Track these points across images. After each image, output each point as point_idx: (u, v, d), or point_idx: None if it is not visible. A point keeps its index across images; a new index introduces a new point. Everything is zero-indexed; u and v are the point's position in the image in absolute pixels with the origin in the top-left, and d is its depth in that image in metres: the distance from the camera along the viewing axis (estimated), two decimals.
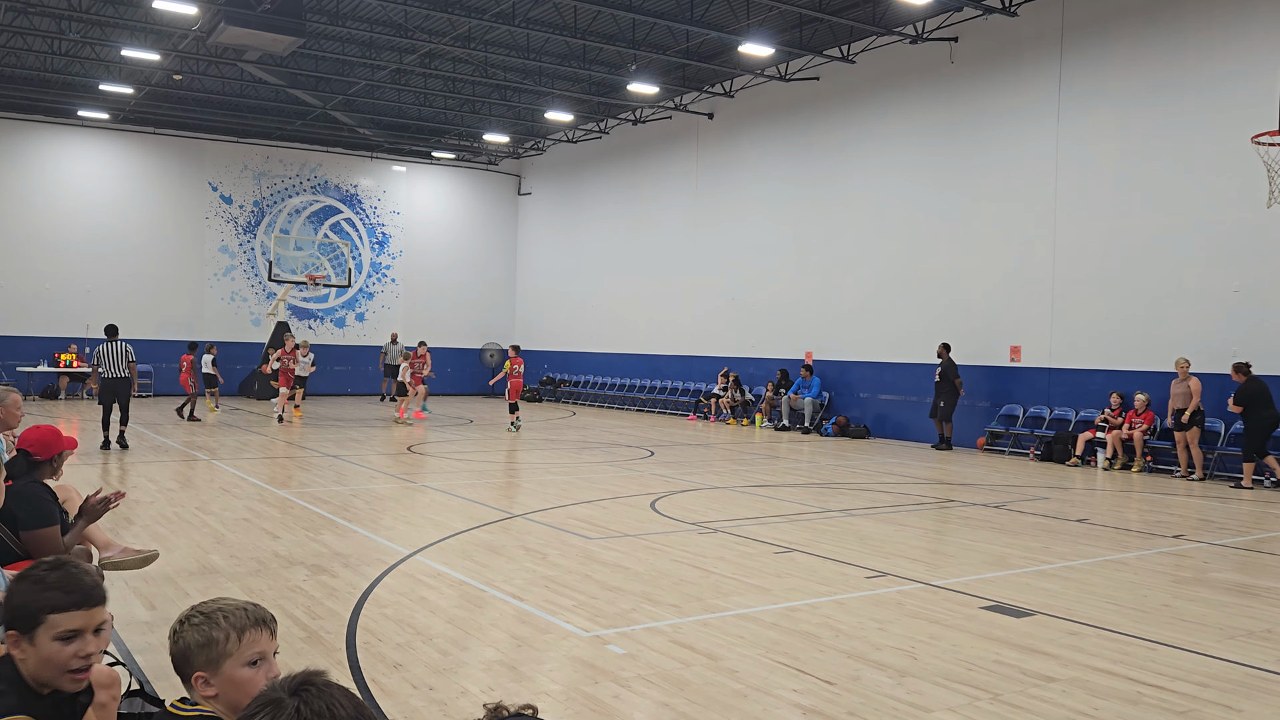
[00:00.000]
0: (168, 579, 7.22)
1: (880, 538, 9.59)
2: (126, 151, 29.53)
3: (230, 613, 2.46)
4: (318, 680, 1.87)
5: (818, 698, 5.03)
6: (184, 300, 29.98)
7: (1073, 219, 17.71)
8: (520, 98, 27.39)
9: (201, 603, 2.53)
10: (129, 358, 15.57)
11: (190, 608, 2.51)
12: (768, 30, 21.36)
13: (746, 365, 24.93)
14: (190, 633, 2.44)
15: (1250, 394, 14.16)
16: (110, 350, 15.42)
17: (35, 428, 5.29)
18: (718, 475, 14.30)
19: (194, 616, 2.47)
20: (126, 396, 15.59)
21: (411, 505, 11.00)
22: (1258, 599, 7.51)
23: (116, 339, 15.72)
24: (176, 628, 2.48)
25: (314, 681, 1.86)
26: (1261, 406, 14.10)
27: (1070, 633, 6.32)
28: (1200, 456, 14.92)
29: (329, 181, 32.59)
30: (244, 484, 12.18)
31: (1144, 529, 10.61)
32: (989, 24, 19.03)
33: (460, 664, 5.48)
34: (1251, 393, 14.16)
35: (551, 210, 33.78)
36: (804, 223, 23.35)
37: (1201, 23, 15.98)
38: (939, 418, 18.90)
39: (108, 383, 15.48)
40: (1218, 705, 5.05)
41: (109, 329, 16.04)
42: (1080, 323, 17.57)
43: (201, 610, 2.48)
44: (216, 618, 2.44)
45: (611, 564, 8.06)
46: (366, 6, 21.08)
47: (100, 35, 22.47)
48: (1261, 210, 14.68)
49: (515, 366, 20.25)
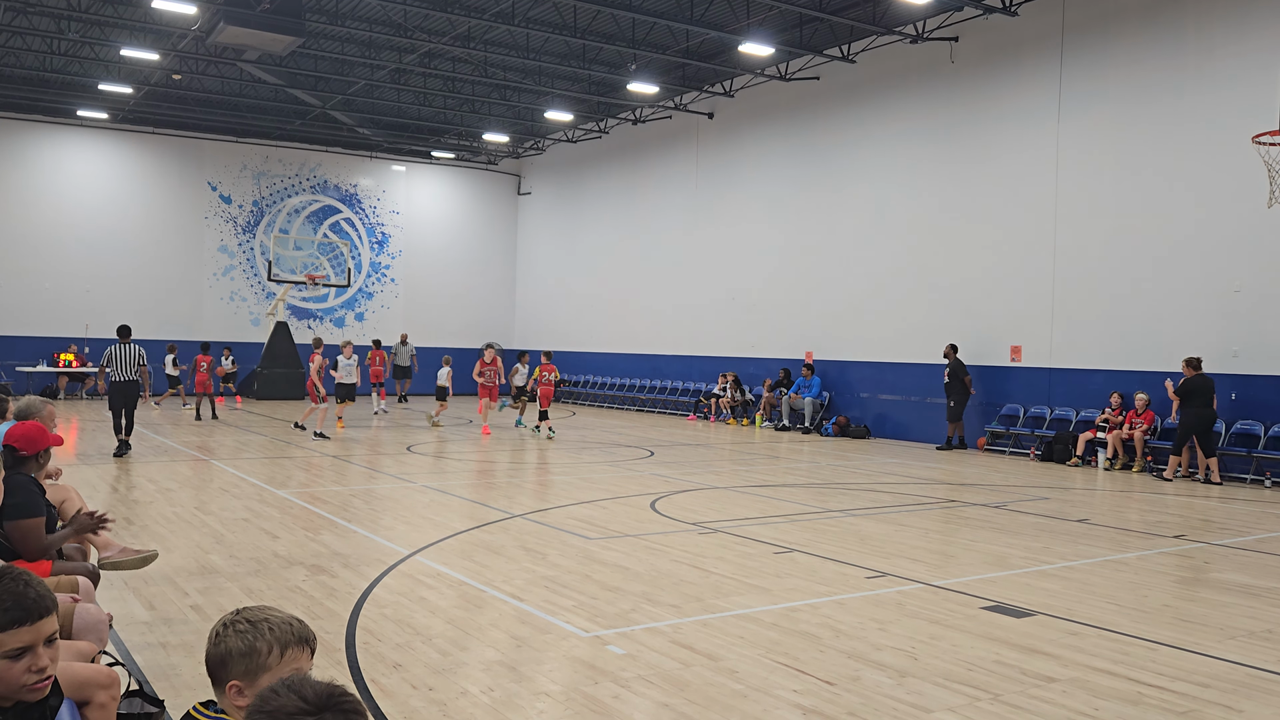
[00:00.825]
0: (167, 579, 7.21)
1: (881, 538, 9.58)
2: (126, 151, 29.53)
3: (276, 626, 2.42)
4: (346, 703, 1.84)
5: (818, 698, 5.02)
6: (183, 300, 29.97)
7: (1073, 218, 17.70)
8: (520, 97, 27.38)
9: (248, 609, 2.47)
10: (141, 361, 14.90)
11: (235, 612, 2.46)
12: (768, 30, 21.35)
13: (747, 365, 24.92)
14: (234, 639, 2.39)
15: (1191, 388, 14.54)
16: (122, 352, 14.76)
17: (20, 424, 5.29)
18: (718, 475, 14.29)
19: (239, 623, 2.42)
20: (134, 401, 14.93)
21: (411, 505, 10.98)
22: (1259, 599, 7.50)
23: (129, 340, 15.05)
24: (220, 630, 2.43)
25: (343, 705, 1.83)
26: (1198, 404, 14.46)
27: (1071, 633, 6.31)
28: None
29: (328, 181, 32.58)
30: (243, 484, 12.17)
31: (1144, 529, 10.60)
32: (989, 24, 19.03)
33: (460, 664, 5.47)
34: (1193, 387, 14.53)
35: (551, 210, 33.77)
36: (804, 222, 23.35)
37: (1201, 22, 15.98)
38: (951, 419, 18.87)
39: (117, 386, 14.80)
40: (1219, 706, 5.04)
41: (122, 329, 15.24)
42: (1080, 322, 17.56)
43: (248, 618, 2.42)
44: (262, 628, 2.40)
45: (611, 564, 8.05)
46: (366, 6, 21.07)
47: (99, 35, 22.46)
48: (1262, 210, 14.67)
49: (546, 374, 20.03)
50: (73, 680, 3.17)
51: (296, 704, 1.81)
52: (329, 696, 1.84)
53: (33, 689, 2.60)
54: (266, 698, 1.85)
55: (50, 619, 2.61)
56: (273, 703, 1.83)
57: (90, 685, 3.25)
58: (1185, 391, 14.56)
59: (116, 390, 14.82)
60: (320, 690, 1.85)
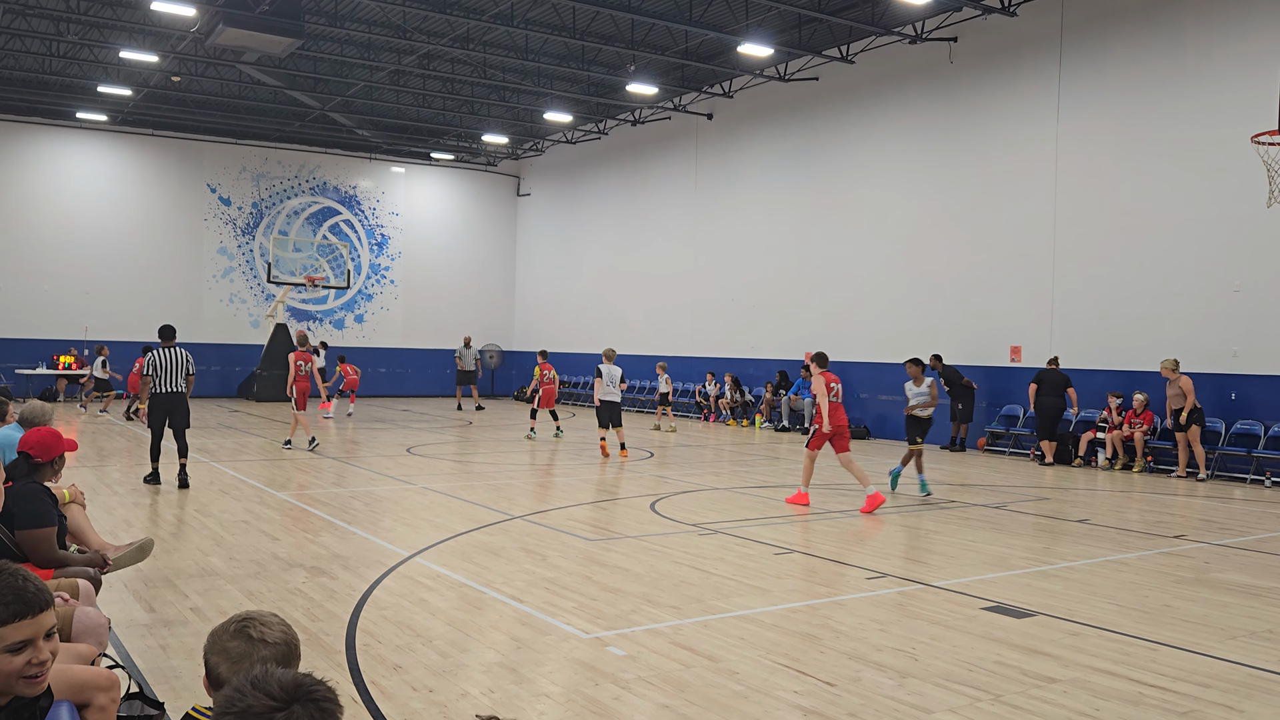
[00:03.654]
0: (167, 581, 7.20)
1: (881, 538, 9.58)
2: (125, 153, 29.52)
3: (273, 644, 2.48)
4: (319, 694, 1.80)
5: (818, 699, 5.01)
6: (183, 302, 29.95)
7: (1072, 219, 17.70)
8: (519, 98, 27.38)
9: (248, 618, 2.53)
10: (189, 369, 12.15)
11: (239, 620, 2.52)
12: (767, 30, 21.35)
13: (746, 366, 24.92)
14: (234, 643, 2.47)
15: (1041, 380, 16.71)
16: (166, 358, 11.96)
17: (35, 430, 5.28)
18: (717, 476, 14.28)
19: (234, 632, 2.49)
20: (186, 417, 12.13)
21: (411, 507, 10.98)
22: (1259, 599, 7.49)
23: (174, 344, 12.25)
24: (220, 635, 2.50)
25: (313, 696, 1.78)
26: (1048, 394, 16.55)
27: (1071, 633, 6.30)
28: (1203, 455, 14.90)
29: (328, 183, 32.57)
30: (243, 486, 12.16)
31: (1145, 529, 10.59)
32: (988, 24, 19.03)
33: (460, 666, 5.47)
34: (1043, 380, 16.68)
35: (550, 211, 33.76)
36: (803, 223, 23.34)
37: (1200, 22, 15.98)
38: (959, 420, 18.85)
39: (160, 399, 11.99)
40: (1219, 706, 5.04)
41: (165, 330, 12.41)
42: (1080, 323, 17.56)
43: (248, 631, 2.48)
44: (259, 647, 2.46)
45: (612, 565, 8.05)
46: (365, 8, 21.07)
47: (98, 37, 22.45)
48: (1261, 210, 14.67)
49: (545, 372, 19.85)
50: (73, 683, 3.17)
51: (265, 702, 1.72)
52: (297, 688, 1.75)
53: (32, 682, 2.61)
54: (232, 698, 1.75)
55: (49, 613, 2.65)
56: (239, 703, 1.73)
57: (90, 688, 3.25)
58: (1037, 381, 16.76)
59: (159, 404, 12.01)
60: (287, 682, 1.76)
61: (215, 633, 2.52)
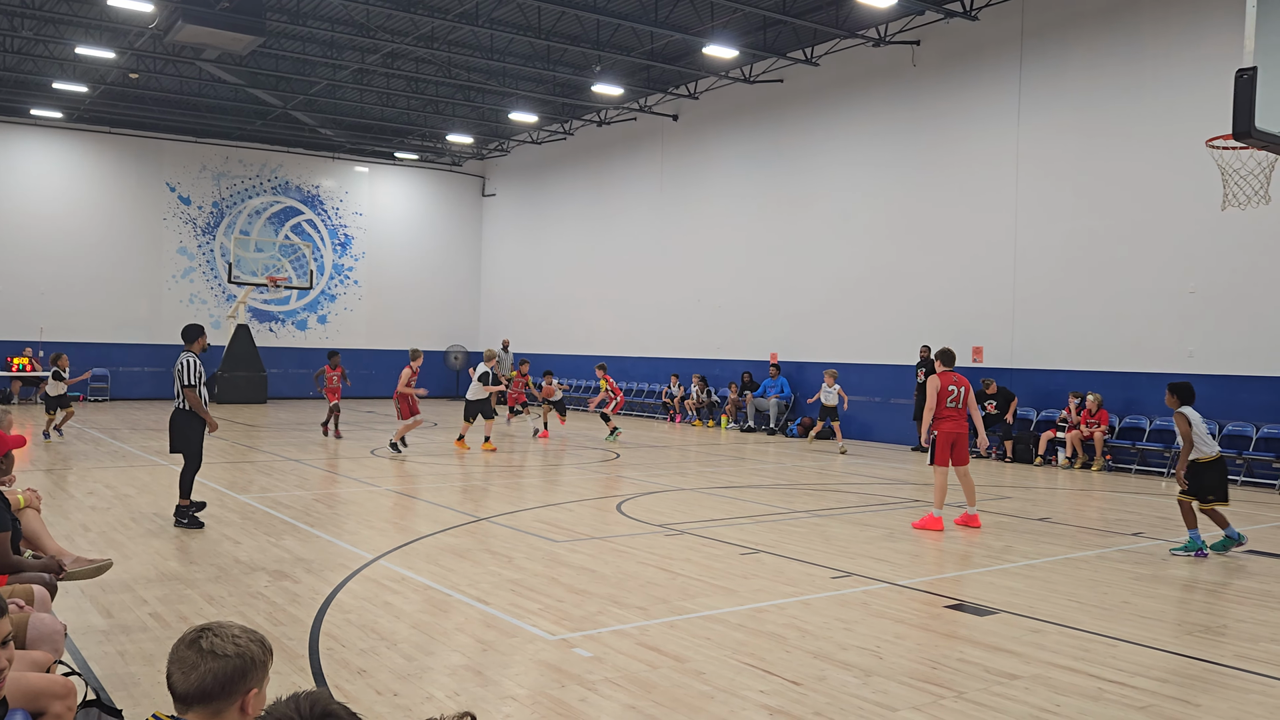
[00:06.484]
0: (125, 586, 7.08)
1: (846, 538, 9.64)
2: (82, 151, 29.00)
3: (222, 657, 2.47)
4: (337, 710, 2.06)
5: (784, 698, 5.03)
6: (142, 303, 29.49)
7: (1033, 221, 17.93)
8: (484, 98, 27.26)
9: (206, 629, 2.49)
10: (187, 378, 9.80)
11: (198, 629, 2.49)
12: (732, 32, 21.43)
13: (712, 366, 24.98)
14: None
15: None
16: (196, 366, 10.03)
17: None
18: (684, 477, 14.30)
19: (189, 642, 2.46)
20: (171, 439, 10.05)
21: (375, 509, 10.89)
22: (1214, 595, 7.64)
23: (187, 346, 10.22)
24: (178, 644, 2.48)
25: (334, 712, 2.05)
26: None
27: (1032, 630, 6.38)
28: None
29: (290, 182, 32.23)
30: (203, 489, 12.00)
31: (1104, 527, 10.75)
32: (950, 28, 19.23)
33: (425, 669, 5.43)
34: None
35: (516, 211, 33.65)
36: (768, 224, 23.45)
37: (1158, 28, 16.25)
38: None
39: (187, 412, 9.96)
40: (1177, 700, 5.12)
41: (191, 330, 10.29)
42: (1041, 323, 17.79)
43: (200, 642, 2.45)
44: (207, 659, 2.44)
45: (578, 567, 8.03)
46: (328, 5, 20.87)
47: (54, 32, 22.05)
48: (1216, 213, 14.91)
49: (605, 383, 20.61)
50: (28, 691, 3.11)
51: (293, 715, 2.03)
52: (313, 704, 2.04)
53: None
54: (272, 709, 2.07)
55: (3, 620, 2.60)
56: (277, 711, 2.05)
57: (45, 695, 3.19)
58: None
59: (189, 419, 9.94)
60: (310, 700, 2.05)
61: (177, 640, 2.48)
